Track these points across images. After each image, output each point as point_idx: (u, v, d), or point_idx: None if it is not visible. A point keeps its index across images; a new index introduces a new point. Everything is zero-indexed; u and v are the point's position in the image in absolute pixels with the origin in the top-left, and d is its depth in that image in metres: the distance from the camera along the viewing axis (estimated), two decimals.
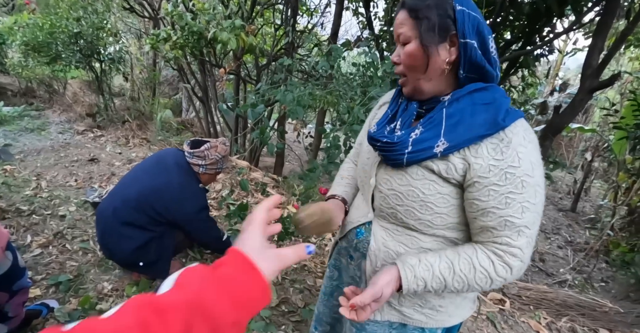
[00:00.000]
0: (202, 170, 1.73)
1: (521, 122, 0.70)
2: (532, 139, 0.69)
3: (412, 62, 0.73)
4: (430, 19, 0.70)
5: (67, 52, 4.76)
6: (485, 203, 0.69)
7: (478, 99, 0.72)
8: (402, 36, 0.73)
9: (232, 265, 0.43)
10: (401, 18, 0.74)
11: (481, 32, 0.71)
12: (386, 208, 0.81)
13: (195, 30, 2.88)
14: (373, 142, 0.80)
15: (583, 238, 4.68)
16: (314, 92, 1.86)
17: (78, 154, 3.80)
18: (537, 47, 2.45)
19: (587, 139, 6.47)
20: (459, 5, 0.70)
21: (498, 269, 0.70)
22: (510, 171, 0.67)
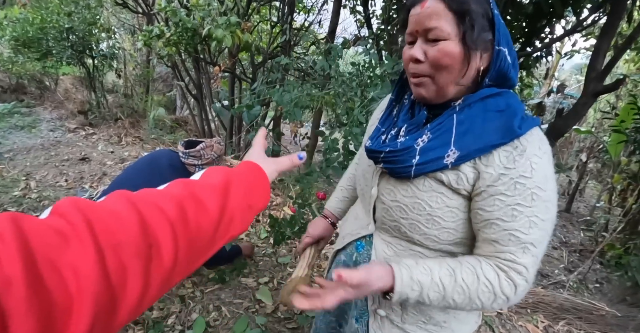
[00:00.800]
0: (197, 170, 1.68)
1: (537, 131, 0.65)
2: (547, 150, 0.64)
3: (449, 63, 0.64)
4: (476, 18, 0.62)
5: (58, 47, 4.67)
6: (490, 213, 0.63)
7: (491, 106, 0.66)
8: (436, 30, 0.63)
9: (244, 167, 0.55)
10: (436, 8, 0.63)
11: (509, 41, 0.66)
12: (389, 221, 0.76)
13: (190, 26, 2.81)
14: (374, 155, 0.74)
15: (578, 239, 4.70)
16: (312, 93, 1.81)
17: (69, 153, 3.72)
18: (538, 49, 2.42)
19: (582, 140, 6.49)
20: (495, 9, 0.64)
21: (503, 284, 0.63)
22: (521, 181, 0.61)
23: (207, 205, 0.42)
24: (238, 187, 0.49)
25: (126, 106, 5.28)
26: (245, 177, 0.52)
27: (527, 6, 2.12)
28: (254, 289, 1.93)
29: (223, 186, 0.47)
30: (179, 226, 0.37)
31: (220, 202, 0.44)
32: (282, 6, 3.67)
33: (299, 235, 1.94)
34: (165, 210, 0.37)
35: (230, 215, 0.46)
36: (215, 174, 0.49)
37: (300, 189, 2.37)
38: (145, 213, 0.35)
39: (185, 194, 0.41)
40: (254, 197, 0.51)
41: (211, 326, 1.62)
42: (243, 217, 0.49)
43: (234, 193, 0.47)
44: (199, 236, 0.40)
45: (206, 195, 0.43)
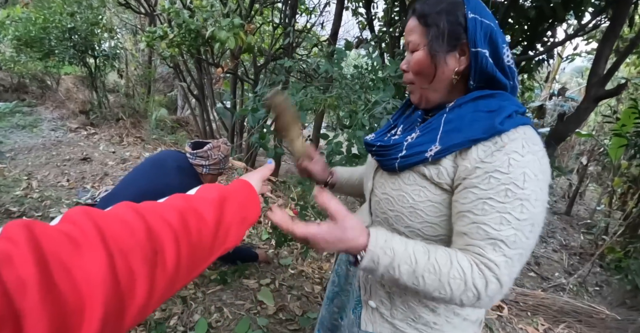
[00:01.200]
0: (205, 170, 1.69)
1: (524, 130, 0.64)
2: (533, 151, 0.62)
3: (419, 70, 0.72)
4: (440, 27, 0.68)
5: (60, 47, 4.68)
6: (462, 205, 0.63)
7: (482, 106, 0.67)
8: (411, 43, 0.73)
9: (236, 184, 0.60)
10: (411, 25, 0.73)
11: (494, 41, 0.68)
12: (380, 213, 0.79)
13: (193, 28, 2.82)
14: (368, 148, 0.81)
15: (578, 242, 4.70)
16: (315, 95, 1.81)
17: (70, 152, 3.72)
18: (540, 53, 2.43)
19: (582, 143, 6.50)
20: (471, 13, 0.67)
21: (475, 275, 0.60)
22: (496, 175, 0.60)
23: (206, 217, 0.45)
24: (232, 202, 0.53)
25: (128, 106, 5.29)
26: (238, 193, 0.56)
27: (529, 10, 2.12)
28: (255, 290, 1.93)
29: (219, 200, 0.50)
30: (182, 235, 0.39)
31: (217, 215, 0.48)
32: (285, 8, 3.68)
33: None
34: (169, 220, 0.39)
35: (227, 227, 0.49)
36: (211, 190, 0.52)
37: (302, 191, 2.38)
38: (150, 222, 0.37)
39: (185, 206, 0.44)
40: (246, 211, 0.55)
41: (213, 327, 1.63)
42: (238, 229, 0.52)
43: (229, 207, 0.51)
44: (199, 245, 0.42)
45: (204, 208, 0.47)
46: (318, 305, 1.94)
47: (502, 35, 0.70)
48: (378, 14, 3.57)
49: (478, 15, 0.67)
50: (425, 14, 0.70)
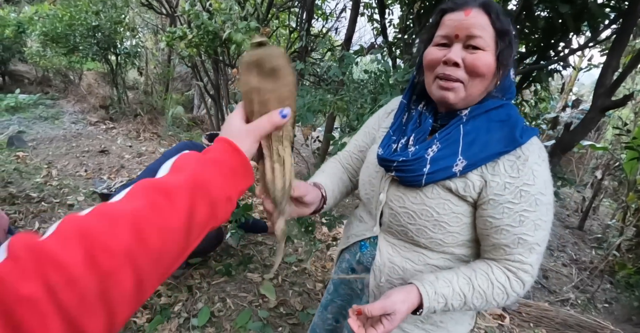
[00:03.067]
0: None
1: (536, 140, 0.71)
2: (545, 158, 0.70)
3: (485, 72, 0.67)
4: (512, 41, 0.68)
5: (84, 44, 4.86)
6: (500, 220, 0.68)
7: (494, 117, 0.72)
8: (480, 41, 0.66)
9: (218, 150, 0.50)
10: (479, 18, 0.66)
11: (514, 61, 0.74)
12: (396, 226, 0.79)
13: (211, 29, 2.92)
14: (386, 164, 0.76)
15: (588, 257, 4.61)
16: (325, 98, 1.87)
17: (89, 145, 3.86)
18: (552, 62, 2.43)
19: (599, 157, 6.38)
20: (513, 30, 0.69)
21: (514, 285, 0.70)
22: (525, 189, 0.67)
23: (172, 215, 0.40)
24: (210, 181, 0.45)
25: (146, 103, 5.44)
26: (219, 166, 0.47)
27: (540, 21, 2.14)
28: (258, 284, 1.99)
29: (191, 184, 0.43)
30: (136, 248, 0.36)
31: (188, 206, 0.41)
32: (301, 12, 3.76)
33: (306, 235, 1.99)
34: (117, 237, 0.35)
35: (205, 214, 0.43)
36: (185, 167, 0.45)
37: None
38: (90, 248, 0.33)
39: (143, 207, 0.38)
40: (232, 186, 0.48)
41: (215, 316, 1.68)
42: (224, 209, 0.46)
43: (205, 190, 0.44)
44: (164, 249, 0.38)
45: (171, 202, 0.40)
46: (318, 302, 1.98)
47: None
48: (393, 21, 3.60)
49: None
50: (500, 19, 0.67)
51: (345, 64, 1.92)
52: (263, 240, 2.47)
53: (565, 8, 1.89)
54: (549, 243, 4.46)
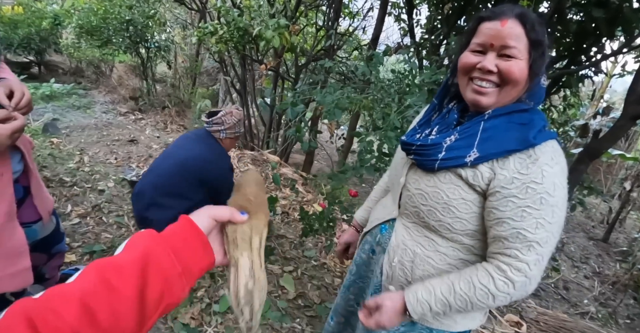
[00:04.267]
0: (222, 135, 1.85)
1: (552, 144, 0.73)
2: (559, 162, 0.72)
3: (518, 78, 0.72)
4: (545, 51, 0.73)
5: (117, 37, 5.04)
6: (502, 212, 0.71)
7: (515, 119, 0.75)
8: (514, 50, 0.71)
9: (173, 224, 0.50)
10: (515, 29, 0.71)
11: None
12: (410, 207, 0.85)
13: (241, 26, 2.98)
14: (407, 147, 0.85)
15: (612, 271, 4.46)
16: (351, 96, 1.89)
17: (119, 134, 4.01)
18: (582, 67, 2.37)
19: (628, 167, 6.15)
20: (547, 39, 0.73)
21: (498, 284, 0.72)
22: (532, 186, 0.69)
23: (123, 290, 0.39)
24: (162, 256, 0.44)
25: (173, 96, 5.60)
26: (171, 240, 0.46)
27: (572, 25, 2.09)
28: (278, 276, 2.03)
29: (142, 259, 0.42)
30: (85, 325, 0.36)
31: (139, 280, 0.41)
32: (329, 11, 3.79)
33: (327, 230, 2.03)
34: (64, 316, 0.35)
35: (158, 289, 0.42)
36: (138, 244, 0.45)
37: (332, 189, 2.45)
38: (39, 326, 0.34)
39: (93, 284, 0.39)
40: (186, 260, 0.46)
41: None
42: (179, 284, 0.44)
43: (158, 265, 0.43)
44: (116, 325, 0.38)
45: (122, 277, 0.40)
46: (335, 296, 2.01)
47: None
48: (420, 21, 3.59)
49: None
50: (535, 29, 0.71)
51: (373, 64, 1.94)
52: (284, 234, 2.52)
53: (598, 12, 1.85)
54: (572, 254, 4.35)
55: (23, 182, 1.19)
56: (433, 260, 0.84)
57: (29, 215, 1.23)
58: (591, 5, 1.89)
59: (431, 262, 0.84)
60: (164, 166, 1.80)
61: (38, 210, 1.25)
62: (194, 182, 1.76)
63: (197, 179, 1.76)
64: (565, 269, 4.09)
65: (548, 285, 3.45)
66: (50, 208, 1.35)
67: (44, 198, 1.29)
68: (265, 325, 1.66)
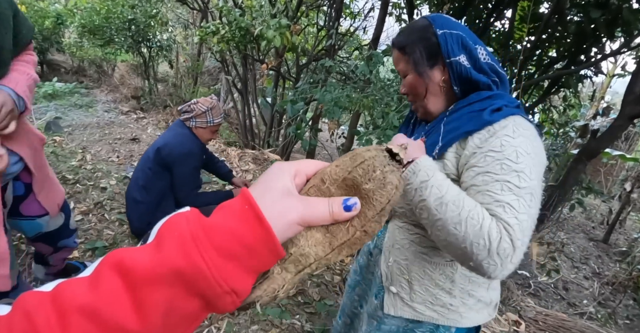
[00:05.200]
0: (192, 124, 1.83)
1: (513, 119, 0.73)
2: (523, 134, 0.71)
3: (414, 90, 0.84)
4: (416, 52, 0.81)
5: (119, 36, 5.06)
6: (466, 183, 0.73)
7: (476, 107, 0.78)
8: (401, 71, 0.86)
9: (230, 212, 0.31)
10: (395, 57, 0.86)
11: (466, 46, 0.79)
12: (398, 208, 0.89)
13: (243, 26, 3.00)
14: None
15: (612, 271, 4.47)
16: (352, 95, 1.91)
17: (121, 132, 4.04)
18: (582, 67, 2.38)
19: (629, 168, 6.15)
20: (439, 30, 0.80)
21: (492, 226, 0.64)
22: (490, 154, 0.70)
23: (148, 309, 0.28)
24: (202, 271, 0.28)
25: (175, 95, 5.62)
26: (222, 243, 0.29)
27: (571, 25, 2.11)
28: None
29: (170, 273, 0.28)
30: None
31: (161, 302, 0.28)
32: (330, 11, 3.81)
33: None
34: (69, 320, 0.28)
35: (188, 309, 0.30)
36: (168, 240, 0.29)
37: None
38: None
39: (114, 294, 0.28)
40: (241, 272, 0.30)
41: None
42: (222, 301, 0.30)
43: (190, 283, 0.29)
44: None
45: (134, 295, 0.28)
46: (335, 294, 2.03)
47: (474, 37, 0.82)
48: None
49: (447, 29, 0.79)
50: (403, 45, 0.83)
51: (373, 63, 1.95)
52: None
53: (596, 13, 1.86)
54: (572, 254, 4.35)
55: (25, 179, 1.22)
56: (427, 256, 0.85)
57: (32, 210, 1.26)
58: (590, 6, 1.91)
59: (426, 258, 0.85)
60: (143, 157, 1.85)
61: (42, 204, 1.27)
62: (157, 169, 1.77)
63: (159, 166, 1.76)
64: (565, 269, 4.10)
65: (547, 285, 3.46)
66: (60, 201, 1.37)
67: (51, 192, 1.31)
68: (265, 321, 1.68)
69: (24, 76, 1.07)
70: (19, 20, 1.06)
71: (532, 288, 3.20)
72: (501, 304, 2.50)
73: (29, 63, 1.14)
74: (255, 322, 1.67)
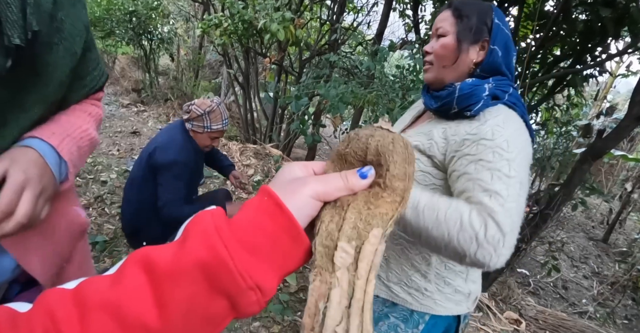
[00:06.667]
0: (189, 126, 1.70)
1: (503, 110, 0.76)
2: (512, 126, 0.74)
3: (444, 52, 0.83)
4: (470, 21, 0.81)
5: (120, 28, 5.02)
6: (458, 171, 0.73)
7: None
8: (441, 29, 0.84)
9: (251, 206, 0.31)
10: (445, 15, 0.85)
11: (508, 47, 0.82)
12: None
13: (246, 19, 2.96)
14: None
15: (611, 271, 4.48)
16: (356, 91, 1.89)
17: (122, 126, 4.02)
18: (587, 67, 2.36)
19: (630, 168, 6.15)
20: (497, 19, 0.82)
21: (473, 216, 0.63)
22: (482, 143, 0.71)
23: (151, 309, 0.27)
24: (226, 264, 0.28)
25: (176, 89, 5.58)
26: (244, 236, 0.29)
27: (578, 23, 2.08)
28: None
29: (196, 266, 0.28)
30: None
31: (184, 296, 0.28)
32: (333, 5, 3.77)
33: None
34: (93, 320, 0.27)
35: (216, 307, 0.29)
36: (194, 236, 0.29)
37: None
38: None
39: (121, 295, 0.28)
40: (266, 266, 0.29)
41: None
42: (246, 300, 0.28)
43: (214, 278, 0.28)
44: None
45: (158, 289, 0.28)
46: None
47: (514, 47, 0.85)
48: (425, 17, 3.56)
49: (501, 23, 0.82)
50: (460, 8, 0.82)
51: (378, 58, 1.93)
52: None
53: (606, 12, 1.84)
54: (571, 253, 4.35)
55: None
56: (407, 249, 0.86)
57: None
58: (598, 4, 1.88)
59: (405, 251, 0.86)
60: (140, 157, 1.74)
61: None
62: (148, 170, 1.67)
63: (151, 167, 1.65)
64: (564, 268, 4.11)
65: (547, 283, 3.47)
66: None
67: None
68: (267, 318, 1.68)
69: (76, 130, 0.65)
70: (87, 60, 0.66)
71: (532, 286, 3.20)
72: (502, 302, 2.50)
73: (91, 116, 0.72)
74: (256, 318, 1.67)
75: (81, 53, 0.63)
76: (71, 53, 0.60)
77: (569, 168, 3.11)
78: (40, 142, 0.58)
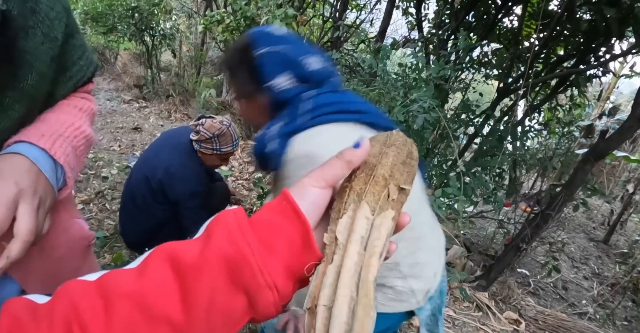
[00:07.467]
0: (197, 147, 1.61)
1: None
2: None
3: (243, 116, 0.88)
4: (240, 79, 0.79)
5: (122, 24, 5.00)
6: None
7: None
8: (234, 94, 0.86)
9: (270, 208, 0.32)
10: (227, 79, 0.89)
11: (291, 59, 0.73)
12: None
13: (248, 15, 2.95)
14: None
15: (612, 272, 4.47)
16: (358, 89, 1.88)
17: (123, 122, 4.01)
18: (591, 67, 2.35)
19: (632, 170, 6.13)
20: (256, 51, 0.73)
21: None
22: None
23: (173, 302, 0.28)
24: (248, 262, 0.28)
25: (178, 85, 5.57)
26: (265, 237, 0.30)
27: (582, 23, 2.07)
28: None
29: (219, 260, 0.29)
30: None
31: (205, 291, 0.28)
32: (336, 2, 3.75)
33: None
34: (102, 326, 0.27)
35: (235, 304, 0.29)
36: (217, 233, 0.30)
37: None
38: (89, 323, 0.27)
39: (144, 288, 0.28)
40: (283, 266, 0.30)
41: None
42: (264, 299, 0.29)
43: (236, 275, 0.29)
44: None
45: (183, 283, 0.28)
46: None
47: (300, 46, 0.76)
48: (428, 15, 3.54)
49: (268, 47, 0.73)
50: (226, 68, 0.83)
51: (380, 56, 1.92)
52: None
53: (610, 11, 1.83)
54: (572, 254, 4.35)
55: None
56: None
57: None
58: (603, 4, 1.87)
59: None
60: (142, 171, 1.61)
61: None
62: (156, 191, 1.58)
63: (161, 191, 1.57)
64: (564, 269, 4.10)
65: (547, 284, 3.46)
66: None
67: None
68: None
69: (68, 128, 0.58)
70: (70, 48, 0.58)
71: (532, 286, 3.20)
72: (502, 302, 2.50)
73: (83, 111, 0.65)
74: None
75: (63, 39, 0.55)
76: (50, 39, 0.52)
77: (570, 169, 3.10)
78: (29, 146, 0.49)
